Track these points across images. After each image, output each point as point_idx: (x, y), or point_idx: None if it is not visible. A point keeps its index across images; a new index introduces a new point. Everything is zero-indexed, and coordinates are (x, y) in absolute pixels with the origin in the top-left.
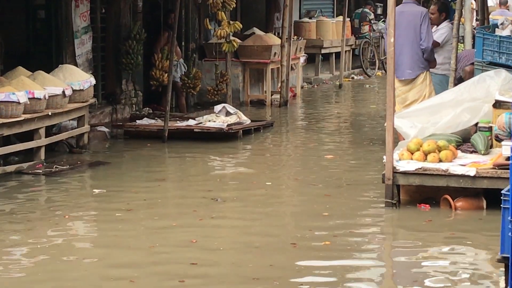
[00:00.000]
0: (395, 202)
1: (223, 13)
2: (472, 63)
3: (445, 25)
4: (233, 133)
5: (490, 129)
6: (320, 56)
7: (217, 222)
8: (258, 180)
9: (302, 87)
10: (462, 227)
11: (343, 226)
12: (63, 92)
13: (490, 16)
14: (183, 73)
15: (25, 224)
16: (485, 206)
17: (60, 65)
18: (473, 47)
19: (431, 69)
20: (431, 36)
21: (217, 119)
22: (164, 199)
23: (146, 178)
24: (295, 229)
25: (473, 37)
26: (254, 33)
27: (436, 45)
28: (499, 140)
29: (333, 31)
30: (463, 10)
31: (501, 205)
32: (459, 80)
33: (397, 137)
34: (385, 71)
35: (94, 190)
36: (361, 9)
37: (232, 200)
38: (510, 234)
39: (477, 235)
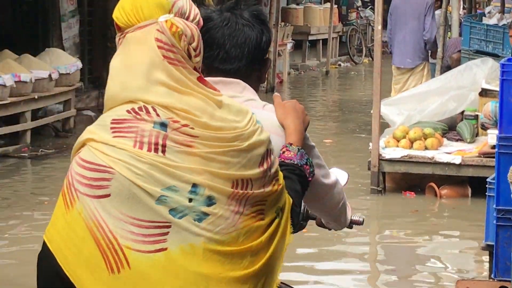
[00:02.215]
0: (380, 189)
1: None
2: (459, 51)
3: (437, 13)
4: None
5: (476, 117)
6: (307, 42)
7: None
8: None
9: (288, 74)
10: (447, 214)
11: None
12: (50, 75)
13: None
14: None
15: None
16: (470, 194)
17: (46, 49)
18: (460, 35)
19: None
20: (435, 28)
21: None
22: None
23: None
24: None
25: (460, 25)
26: None
27: None
28: (484, 128)
29: (321, 17)
30: None
31: (486, 193)
32: (447, 68)
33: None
34: (372, 58)
35: None
36: None
37: None
38: (494, 222)
39: (461, 223)
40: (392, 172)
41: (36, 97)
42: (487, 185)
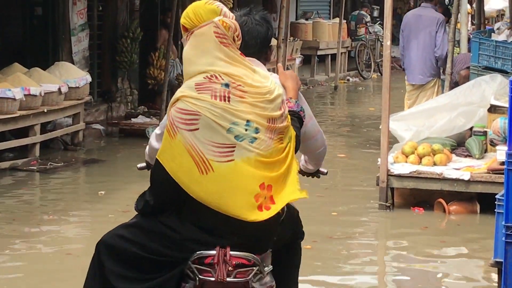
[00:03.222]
0: (389, 205)
1: None
2: (468, 67)
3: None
4: None
5: (485, 133)
6: (316, 57)
7: None
8: None
9: None
10: (455, 231)
11: (336, 228)
12: (59, 89)
13: None
14: (179, 73)
15: (10, 224)
16: (478, 211)
17: (56, 62)
18: (469, 51)
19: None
20: (446, 44)
21: None
22: None
23: (140, 176)
24: None
25: (469, 41)
26: None
27: None
28: (493, 144)
29: (329, 32)
30: (459, 15)
31: (495, 210)
32: (455, 84)
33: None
34: (381, 74)
35: (101, 192)
36: (358, 11)
37: None
38: (503, 238)
39: (470, 239)
40: (401, 188)
41: (45, 110)
42: (495, 202)
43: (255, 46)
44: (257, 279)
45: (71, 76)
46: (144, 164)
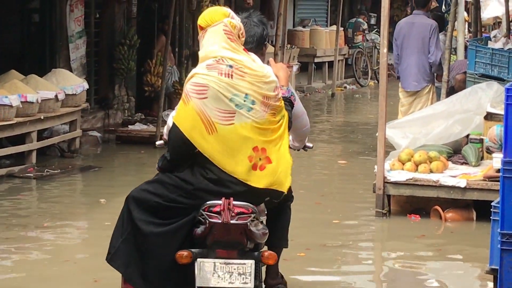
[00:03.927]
0: (385, 212)
1: None
2: (464, 72)
3: (442, 37)
4: None
5: (481, 141)
6: (313, 65)
7: None
8: None
9: None
10: (451, 238)
11: (332, 235)
12: (56, 96)
13: None
14: (176, 80)
15: (6, 231)
16: (475, 218)
17: (53, 69)
18: (465, 58)
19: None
20: (440, 50)
21: None
22: None
23: (137, 184)
24: None
25: (466, 48)
26: None
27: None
28: (490, 152)
29: (327, 40)
30: (456, 22)
31: (491, 217)
32: (451, 89)
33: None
34: (378, 81)
35: (103, 200)
36: (355, 19)
37: None
38: (499, 246)
39: (466, 246)
40: (397, 195)
41: (42, 117)
42: (491, 209)
43: (253, 42)
44: (253, 224)
45: (68, 83)
46: (162, 142)
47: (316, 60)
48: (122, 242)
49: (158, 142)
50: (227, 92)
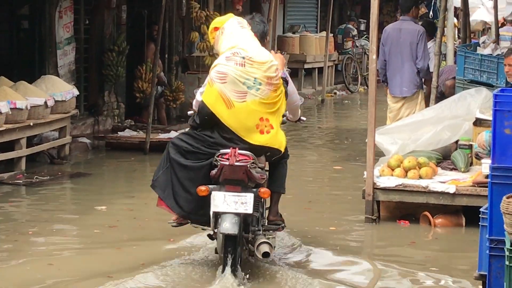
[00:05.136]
0: (375, 218)
1: (205, 26)
2: (454, 78)
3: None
4: None
5: (470, 146)
6: (303, 71)
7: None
8: None
9: None
10: (440, 243)
11: (322, 240)
12: (45, 102)
13: (500, 33)
14: (165, 87)
15: None
16: (464, 224)
17: (42, 76)
18: (455, 63)
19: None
20: (427, 56)
21: None
22: (145, 213)
23: (127, 190)
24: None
25: (455, 54)
26: None
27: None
28: (479, 158)
29: (316, 46)
30: (445, 28)
31: (480, 223)
32: (440, 94)
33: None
34: (368, 87)
35: (96, 208)
36: (345, 25)
37: None
38: (487, 252)
39: (455, 252)
40: (387, 201)
41: (31, 124)
42: (480, 215)
43: (257, 37)
44: (253, 167)
45: (58, 89)
46: (192, 112)
47: (306, 66)
48: (161, 173)
49: (189, 112)
50: (241, 78)
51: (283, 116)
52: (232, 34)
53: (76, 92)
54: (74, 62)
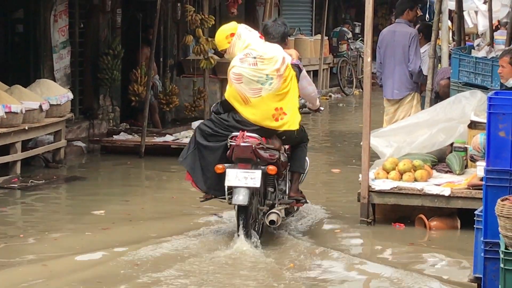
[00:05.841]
0: (370, 220)
1: (200, 30)
2: (448, 78)
3: (425, 48)
4: None
5: (465, 149)
6: None
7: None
8: None
9: None
10: (436, 246)
11: (317, 243)
12: (40, 106)
13: (495, 37)
14: (160, 90)
15: None
16: (459, 226)
17: (37, 80)
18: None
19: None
20: (419, 59)
21: None
22: (140, 216)
23: (122, 194)
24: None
25: (450, 57)
26: None
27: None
28: (473, 160)
29: (311, 49)
30: (439, 31)
31: (474, 226)
32: (435, 94)
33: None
34: (363, 90)
35: (94, 212)
36: (339, 28)
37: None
38: (482, 254)
39: (450, 254)
40: (382, 204)
41: (26, 128)
42: (475, 218)
43: (278, 37)
44: (259, 148)
45: (53, 93)
46: (216, 108)
47: None
48: (189, 153)
49: (212, 107)
50: (254, 77)
51: (304, 106)
52: (245, 37)
53: (71, 96)
54: (69, 66)
